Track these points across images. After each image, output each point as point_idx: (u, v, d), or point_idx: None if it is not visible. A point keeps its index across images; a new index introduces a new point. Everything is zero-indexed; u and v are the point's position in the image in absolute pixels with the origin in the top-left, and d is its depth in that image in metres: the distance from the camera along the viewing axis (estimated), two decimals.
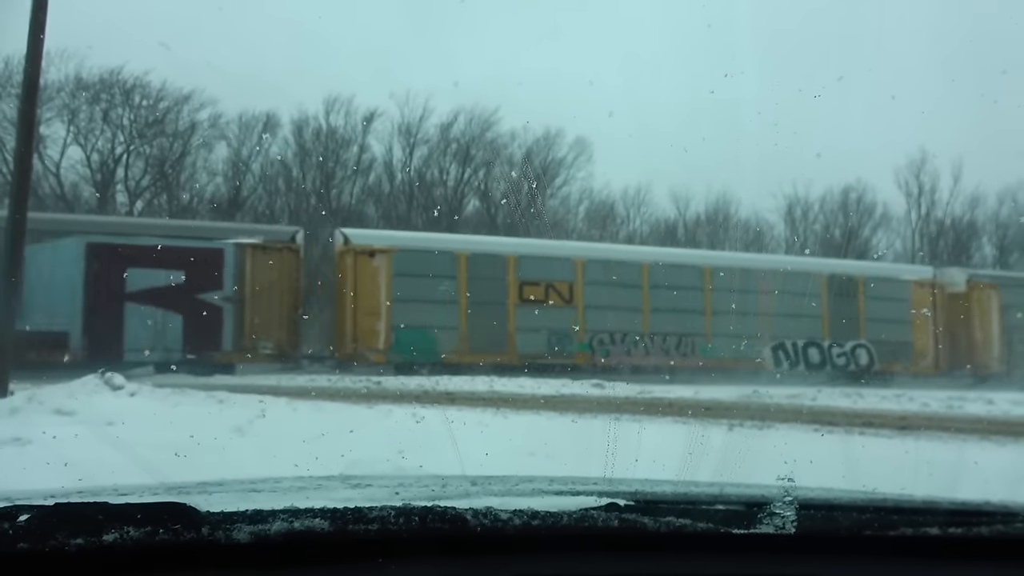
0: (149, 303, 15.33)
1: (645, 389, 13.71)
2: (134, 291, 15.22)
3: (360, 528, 1.09)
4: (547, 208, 34.16)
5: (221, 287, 15.95)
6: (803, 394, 13.99)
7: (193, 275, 15.53)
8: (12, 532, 1.01)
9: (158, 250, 14.94)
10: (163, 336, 15.43)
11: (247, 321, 16.09)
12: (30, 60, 8.85)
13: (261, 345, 16.19)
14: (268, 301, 16.09)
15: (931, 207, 40.88)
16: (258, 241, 16.53)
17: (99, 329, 14.94)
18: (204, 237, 16.45)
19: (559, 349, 17.68)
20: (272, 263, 16.26)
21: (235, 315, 16.07)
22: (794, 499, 1.23)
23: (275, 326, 16.30)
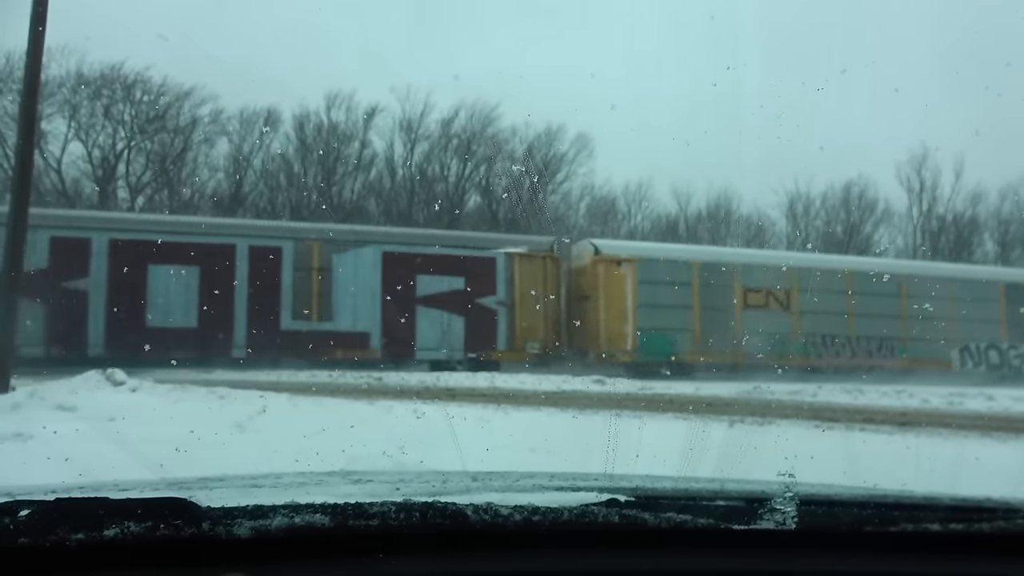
0: (436, 306, 17.11)
1: (646, 385, 13.73)
2: (423, 296, 17.00)
3: (361, 523, 1.09)
4: (548, 204, 34.15)
5: (495, 292, 17.77)
6: (804, 390, 14.00)
7: (472, 281, 17.42)
8: (13, 527, 1.01)
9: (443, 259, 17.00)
10: (448, 336, 17.14)
11: (517, 323, 17.92)
12: (31, 53, 8.84)
13: (529, 345, 17.85)
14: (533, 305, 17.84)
15: (932, 203, 40.88)
16: (524, 251, 18.19)
17: (395, 330, 16.75)
18: (478, 247, 18.37)
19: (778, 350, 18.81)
20: (536, 270, 18.07)
21: (507, 318, 17.85)
22: (795, 495, 1.23)
23: (540, 328, 18.08)
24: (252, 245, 16.29)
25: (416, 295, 16.89)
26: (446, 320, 17.13)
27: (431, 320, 17.04)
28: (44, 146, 30.71)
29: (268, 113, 34.92)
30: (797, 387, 13.69)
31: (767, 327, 18.60)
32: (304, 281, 16.58)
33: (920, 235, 41.24)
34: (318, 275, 16.61)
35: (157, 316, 15.51)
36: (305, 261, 16.60)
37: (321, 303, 16.64)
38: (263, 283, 16.02)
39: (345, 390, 11.09)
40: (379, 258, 16.86)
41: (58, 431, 5.46)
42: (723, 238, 40.06)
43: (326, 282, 16.65)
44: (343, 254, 16.69)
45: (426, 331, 17.00)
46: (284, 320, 16.41)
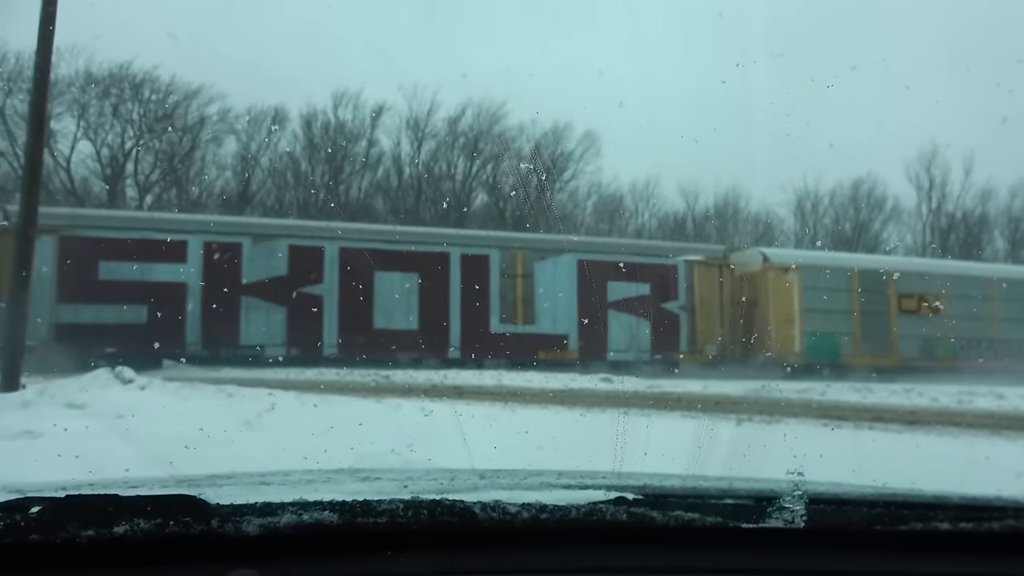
0: (625, 311, 18.06)
1: (654, 383, 13.71)
2: (614, 300, 18.06)
3: (369, 521, 1.09)
4: (556, 202, 34.13)
5: (677, 297, 18.91)
6: (812, 389, 13.95)
7: (656, 287, 18.72)
8: (24, 524, 1.02)
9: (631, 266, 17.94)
10: (637, 339, 18.37)
11: (697, 326, 19.04)
12: (40, 53, 8.88)
13: (708, 348, 18.98)
14: (710, 309, 19.07)
15: (942, 200, 40.65)
16: (701, 258, 19.51)
17: (590, 332, 17.80)
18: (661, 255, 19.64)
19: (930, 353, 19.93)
20: (712, 277, 19.25)
21: (688, 321, 19.01)
22: (803, 493, 1.23)
23: (717, 331, 19.11)
24: (464, 253, 17.65)
25: (607, 300, 18.08)
26: (634, 324, 18.20)
27: (621, 323, 18.08)
28: (54, 145, 30.91)
29: (276, 112, 35.08)
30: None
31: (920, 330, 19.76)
32: (509, 287, 17.93)
33: (929, 233, 41.05)
34: (522, 281, 17.99)
35: (382, 319, 16.84)
36: (511, 268, 17.98)
37: (525, 307, 17.99)
38: (474, 289, 17.27)
39: (353, 388, 11.12)
40: (575, 266, 17.94)
41: (68, 428, 5.49)
42: (730, 236, 39.96)
43: (529, 288, 18.05)
44: (543, 261, 17.98)
45: (617, 334, 18.09)
46: (493, 323, 17.72)
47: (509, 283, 17.85)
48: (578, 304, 17.93)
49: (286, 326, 16.37)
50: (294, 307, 16.32)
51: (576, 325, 17.90)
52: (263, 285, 16.35)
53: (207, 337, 16.08)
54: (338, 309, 16.66)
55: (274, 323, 16.30)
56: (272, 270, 16.43)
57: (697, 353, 18.96)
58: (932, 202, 40.68)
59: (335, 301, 16.68)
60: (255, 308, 16.30)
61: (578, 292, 17.94)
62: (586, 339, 17.95)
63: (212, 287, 15.89)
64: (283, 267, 16.50)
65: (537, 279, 17.98)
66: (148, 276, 15.38)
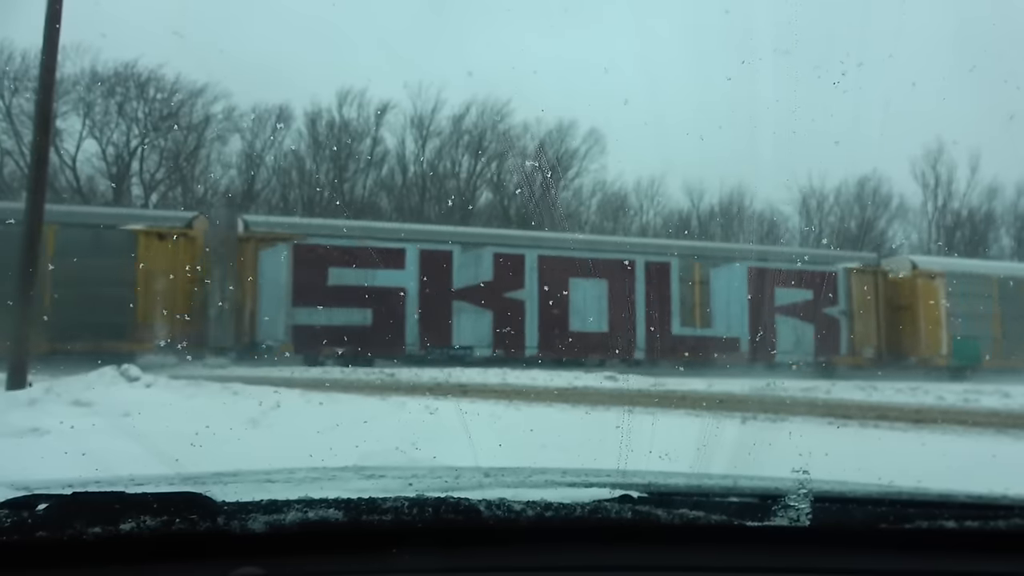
0: (790, 315, 19.07)
1: (658, 382, 13.70)
2: (780, 305, 18.85)
3: (374, 519, 1.09)
4: (560, 200, 34.10)
5: (837, 303, 19.85)
6: (817, 387, 13.93)
7: (819, 293, 19.59)
8: (31, 521, 1.02)
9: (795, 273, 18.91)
10: (801, 342, 19.28)
11: (855, 330, 20.03)
12: (46, 51, 8.90)
13: (865, 351, 19.93)
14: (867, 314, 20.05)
15: (948, 198, 40.51)
16: (857, 266, 20.73)
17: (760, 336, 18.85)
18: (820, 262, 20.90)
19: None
20: (867, 283, 20.32)
21: (847, 326, 19.97)
22: (809, 492, 1.22)
23: (872, 334, 20.12)
24: (648, 261, 18.78)
25: (775, 305, 18.97)
26: (799, 328, 19.22)
27: (787, 328, 19.07)
28: (59, 144, 31.01)
29: (280, 110, 35.13)
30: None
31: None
32: (688, 292, 19.10)
33: (935, 231, 40.90)
34: (699, 288, 19.18)
35: (577, 322, 17.91)
36: (688, 275, 19.15)
37: (702, 312, 19.14)
38: (656, 294, 18.59)
39: (358, 386, 11.13)
40: (745, 273, 19.17)
41: (74, 426, 5.52)
42: (735, 234, 39.88)
43: (705, 293, 19.22)
44: (717, 268, 19.26)
45: (783, 337, 19.05)
46: (674, 326, 18.86)
47: (688, 289, 19.12)
48: (748, 309, 19.10)
49: (492, 328, 17.59)
50: (499, 311, 17.65)
51: (747, 329, 19.08)
52: (471, 290, 17.69)
53: (423, 338, 17.29)
54: (538, 313, 17.93)
55: (482, 325, 17.55)
56: (479, 276, 17.73)
57: (855, 356, 19.95)
58: (938, 200, 40.57)
59: (535, 305, 17.93)
60: (465, 311, 17.57)
61: (748, 297, 19.11)
62: (756, 342, 19.03)
63: (427, 292, 17.15)
64: (489, 273, 17.79)
65: (712, 285, 19.21)
66: (371, 281, 16.69)
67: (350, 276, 16.63)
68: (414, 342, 17.20)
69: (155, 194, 34.56)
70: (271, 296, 16.50)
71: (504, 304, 17.67)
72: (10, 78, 30.41)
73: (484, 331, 17.52)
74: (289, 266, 16.60)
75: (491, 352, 17.49)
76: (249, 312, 16.46)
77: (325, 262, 16.53)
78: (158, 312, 15.60)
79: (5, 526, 1.01)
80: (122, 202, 31.85)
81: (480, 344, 17.47)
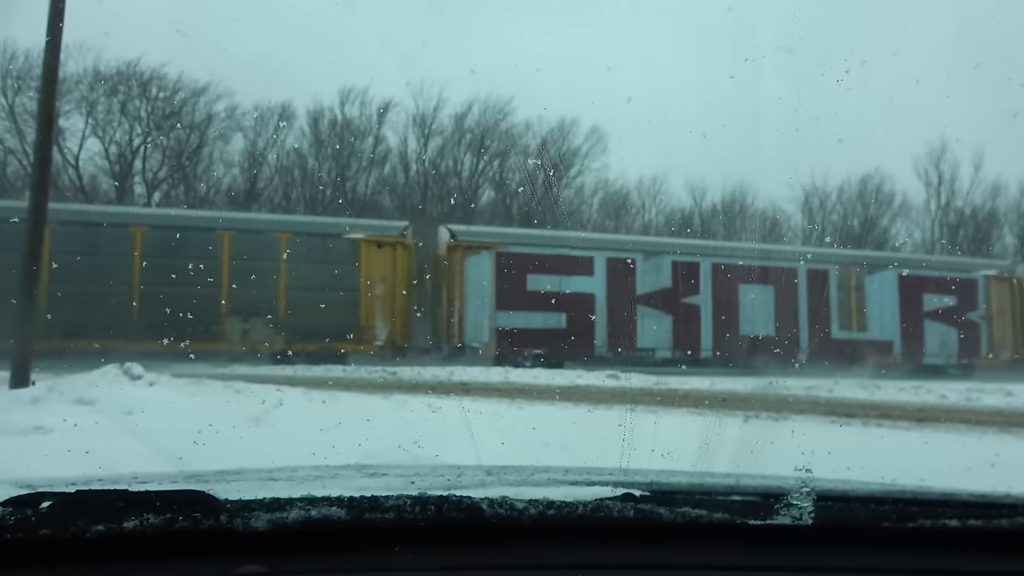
0: (936, 320, 20.42)
1: (661, 380, 13.70)
2: (928, 310, 20.37)
3: (376, 517, 1.09)
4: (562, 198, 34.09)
5: (977, 308, 20.98)
6: (820, 385, 13.91)
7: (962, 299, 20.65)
8: (35, 518, 1.02)
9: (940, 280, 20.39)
10: (946, 345, 20.43)
11: (994, 334, 21.02)
12: (49, 50, 8.90)
13: (1002, 353, 21.02)
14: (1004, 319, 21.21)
15: (951, 196, 40.41)
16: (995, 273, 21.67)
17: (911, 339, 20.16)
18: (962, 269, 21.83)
19: None
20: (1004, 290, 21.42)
21: (987, 329, 21.08)
22: (811, 490, 1.22)
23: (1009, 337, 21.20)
24: (809, 268, 19.92)
25: (922, 310, 20.37)
26: (944, 331, 20.47)
27: (934, 331, 20.37)
28: (62, 142, 31.05)
29: (283, 108, 35.10)
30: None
31: None
32: (845, 298, 20.36)
33: (938, 229, 40.83)
34: (854, 293, 20.43)
35: (747, 326, 19.01)
36: (845, 282, 20.38)
37: (858, 316, 20.35)
38: (817, 300, 19.64)
39: (360, 385, 11.14)
40: (896, 280, 20.51)
41: (78, 424, 5.53)
42: (738, 233, 39.82)
43: (860, 299, 20.45)
44: (872, 276, 20.53)
45: (931, 340, 20.36)
46: (834, 330, 20.03)
47: (845, 295, 20.35)
48: (900, 313, 20.35)
49: (671, 332, 18.81)
50: (678, 315, 18.86)
51: (899, 332, 20.30)
52: (653, 295, 18.91)
53: (611, 341, 18.58)
54: (712, 317, 19.03)
55: (663, 329, 18.73)
56: (660, 283, 18.90)
57: (994, 357, 20.92)
58: (941, 198, 40.46)
59: (709, 310, 19.08)
60: (647, 316, 18.78)
61: (899, 303, 20.36)
62: (906, 344, 20.27)
63: (614, 297, 18.43)
64: (668, 280, 18.95)
65: (867, 291, 20.45)
66: (564, 287, 17.84)
67: (546, 282, 17.81)
68: (602, 344, 18.48)
69: (157, 193, 34.61)
70: (476, 301, 17.83)
71: (682, 309, 18.89)
72: (13, 77, 30.47)
73: (665, 334, 18.73)
74: (492, 273, 17.96)
75: (671, 354, 18.65)
76: (457, 316, 17.81)
77: (524, 269, 17.80)
78: (378, 315, 17.17)
79: (9, 524, 1.01)
80: (123, 200, 31.89)
81: (661, 346, 18.69)
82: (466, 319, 17.75)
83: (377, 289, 17.03)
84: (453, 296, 17.79)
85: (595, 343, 18.28)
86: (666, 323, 18.78)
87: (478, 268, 17.96)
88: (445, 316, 17.93)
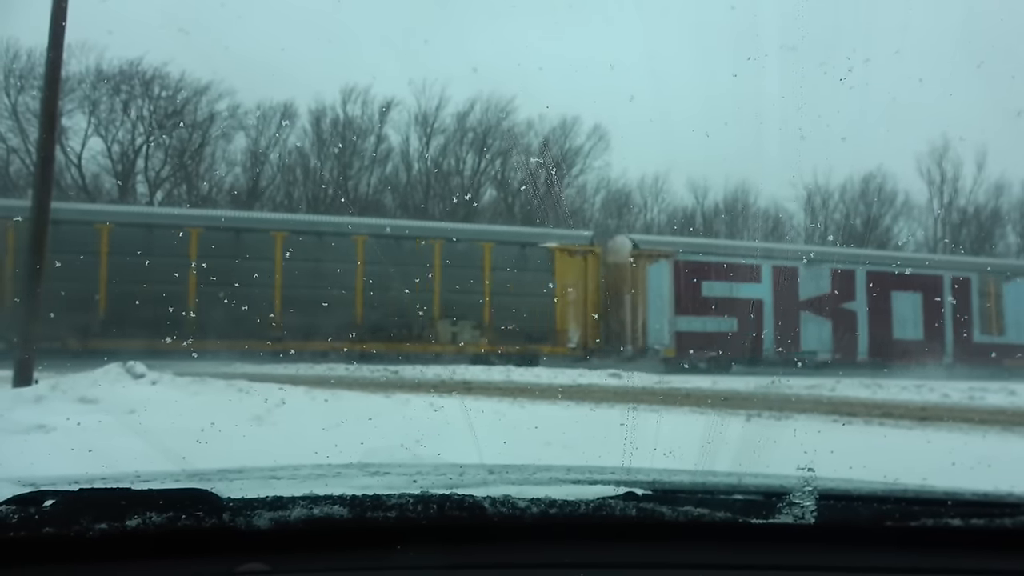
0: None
1: (663, 379, 13.69)
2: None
3: (379, 515, 1.10)
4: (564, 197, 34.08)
5: None
6: (822, 384, 13.90)
7: None
8: (38, 517, 1.02)
9: None
10: None
11: None
12: (51, 49, 8.91)
13: None
14: None
15: (954, 195, 40.34)
16: None
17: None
18: None
19: None
20: None
21: None
22: (814, 489, 1.22)
23: None
24: (954, 276, 21.22)
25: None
26: None
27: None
28: (65, 142, 31.10)
29: (285, 108, 35.14)
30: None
31: None
32: (984, 304, 21.50)
33: (941, 228, 40.77)
34: (994, 299, 21.55)
35: (899, 330, 20.39)
36: (985, 288, 21.49)
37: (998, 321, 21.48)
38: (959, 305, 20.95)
39: (362, 383, 11.15)
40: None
41: (81, 423, 5.53)
42: (740, 231, 39.79)
43: (999, 305, 21.59)
44: (1008, 283, 21.60)
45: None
46: (975, 335, 21.21)
47: (984, 301, 21.43)
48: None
49: (832, 336, 20.04)
50: (836, 320, 20.06)
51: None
52: (814, 301, 19.99)
53: (777, 344, 19.68)
54: (867, 322, 20.32)
55: (823, 333, 19.99)
56: (820, 289, 20.08)
57: None
58: (944, 197, 40.40)
59: (865, 315, 20.35)
60: (810, 320, 19.92)
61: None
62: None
63: (779, 302, 19.69)
64: (827, 286, 20.11)
65: (1005, 298, 21.52)
66: (736, 293, 19.17)
67: (719, 288, 19.18)
68: (770, 347, 19.61)
69: (160, 192, 34.65)
70: (657, 306, 19.09)
71: (840, 314, 20.07)
72: (16, 76, 30.53)
73: (825, 337, 20.01)
74: (670, 280, 19.24)
75: (831, 357, 19.78)
76: (641, 320, 19.12)
77: (699, 276, 19.07)
78: (570, 319, 18.61)
79: (12, 522, 1.01)
80: (127, 200, 31.93)
81: (822, 349, 19.88)
82: (648, 323, 19.04)
83: (569, 295, 18.49)
84: (636, 301, 19.13)
85: (764, 346, 19.48)
86: (826, 327, 20.02)
87: (658, 275, 19.23)
88: (629, 320, 19.20)
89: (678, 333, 19.03)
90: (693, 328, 18.93)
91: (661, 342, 18.98)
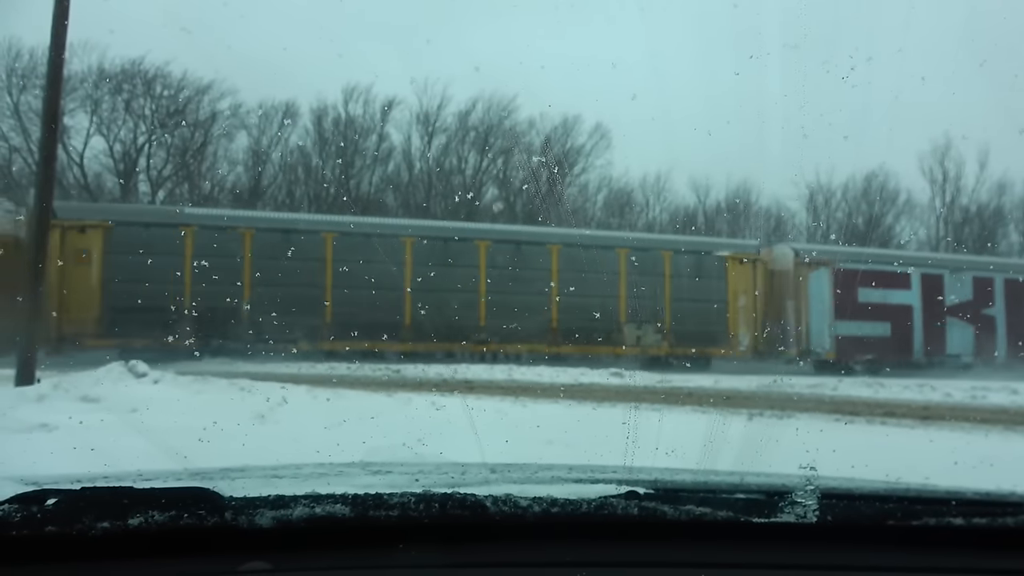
0: None
1: (664, 378, 13.68)
2: None
3: (380, 514, 1.10)
4: (566, 196, 34.08)
5: None
6: (824, 383, 13.89)
7: None
8: (40, 515, 1.03)
9: None
10: None
11: None
12: (54, 49, 8.92)
13: None
14: None
15: (956, 194, 40.27)
16: None
17: None
18: None
19: None
20: None
21: None
22: (816, 488, 1.22)
23: None
24: (1006, 279, 22.00)
25: None
26: None
27: None
28: (67, 141, 31.12)
29: (287, 107, 35.16)
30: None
31: None
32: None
33: (943, 227, 40.70)
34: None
35: None
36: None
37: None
38: None
39: (364, 382, 11.15)
40: None
41: (83, 422, 5.54)
42: (742, 230, 39.74)
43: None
44: None
45: None
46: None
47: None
48: None
49: (973, 339, 21.26)
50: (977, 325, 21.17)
51: None
52: (958, 307, 21.25)
53: (926, 347, 20.90)
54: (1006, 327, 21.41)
55: (966, 337, 21.22)
56: (963, 295, 21.30)
57: None
58: (946, 196, 40.34)
59: (1003, 320, 21.47)
60: (954, 325, 21.17)
61: None
62: None
63: (928, 308, 20.86)
64: (969, 293, 21.34)
65: None
66: (888, 300, 20.13)
67: (873, 295, 20.10)
68: (919, 350, 20.80)
69: (162, 191, 34.67)
70: (818, 312, 20.22)
71: (981, 320, 21.18)
72: (18, 75, 30.55)
73: (968, 341, 21.16)
74: (830, 287, 20.33)
75: (972, 360, 20.90)
76: (804, 325, 20.29)
77: (856, 283, 20.09)
78: (741, 324, 20.01)
79: (15, 520, 1.01)
80: (128, 199, 31.97)
81: (964, 352, 21.05)
82: (811, 328, 20.22)
83: (740, 301, 19.94)
84: (800, 307, 20.33)
85: (913, 349, 20.73)
86: (968, 332, 21.10)
87: (819, 283, 20.33)
88: (793, 325, 20.34)
89: (838, 337, 20.15)
90: (851, 332, 20.09)
91: (822, 346, 20.10)
